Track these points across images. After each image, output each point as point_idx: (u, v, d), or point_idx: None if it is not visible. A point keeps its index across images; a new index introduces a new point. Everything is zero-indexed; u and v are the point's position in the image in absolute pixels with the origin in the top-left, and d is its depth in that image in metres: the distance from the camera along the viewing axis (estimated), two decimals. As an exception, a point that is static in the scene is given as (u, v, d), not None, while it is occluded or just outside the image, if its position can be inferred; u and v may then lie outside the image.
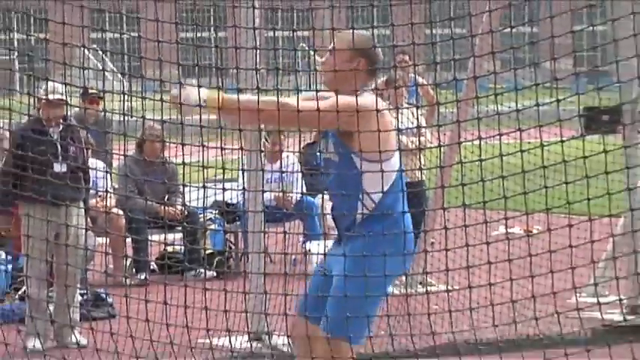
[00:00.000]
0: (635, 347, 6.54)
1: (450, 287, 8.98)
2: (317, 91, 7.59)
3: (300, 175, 15.62)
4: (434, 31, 10.02)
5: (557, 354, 6.67)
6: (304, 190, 15.52)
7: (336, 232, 7.62)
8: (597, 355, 6.83)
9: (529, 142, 7.64)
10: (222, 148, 8.10)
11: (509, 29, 9.02)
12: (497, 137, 7.96)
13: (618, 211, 10.09)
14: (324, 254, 7.76)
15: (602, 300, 10.72)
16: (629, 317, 10.84)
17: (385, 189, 7.23)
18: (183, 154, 8.42)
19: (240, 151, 9.84)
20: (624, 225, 11.12)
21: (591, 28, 9.99)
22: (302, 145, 16.19)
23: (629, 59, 9.71)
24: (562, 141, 7.83)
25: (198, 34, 31.45)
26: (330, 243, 14.06)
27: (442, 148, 12.63)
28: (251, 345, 10.28)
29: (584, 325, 9.83)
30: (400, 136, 13.67)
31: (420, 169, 13.68)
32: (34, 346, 10.71)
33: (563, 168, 7.16)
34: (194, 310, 7.99)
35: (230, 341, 9.81)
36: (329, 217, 14.87)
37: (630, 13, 9.26)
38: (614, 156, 9.66)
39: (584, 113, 15.33)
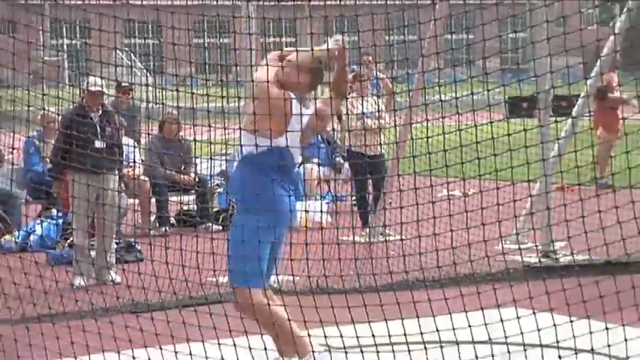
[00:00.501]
0: (548, 283, 6.49)
1: (403, 237, 8.95)
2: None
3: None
4: (391, 37, 9.98)
5: (487, 288, 6.63)
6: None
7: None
8: (518, 289, 6.79)
9: (466, 124, 7.60)
10: (225, 128, 7.99)
11: (449, 35, 8.95)
12: (440, 119, 7.93)
13: (535, 177, 10.06)
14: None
15: (522, 246, 10.73)
16: (543, 260, 10.84)
17: None
18: (194, 134, 8.34)
19: (239, 130, 9.77)
20: (539, 188, 11.11)
21: (514, 34, 9.93)
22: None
23: (543, 58, 9.71)
24: (491, 122, 7.80)
25: (207, 40, 31.37)
26: (311, 202, 14.02)
27: (397, 128, 12.59)
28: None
29: (508, 266, 9.82)
30: (365, 119, 13.72)
31: (380, 144, 13.63)
32: (79, 283, 10.65)
33: (492, 143, 7.11)
34: (204, 255, 7.95)
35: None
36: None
37: (544, 22, 9.22)
38: (531, 134, 9.64)
39: (509, 101, 15.26)
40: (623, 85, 18.08)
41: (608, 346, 6.33)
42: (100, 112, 11.40)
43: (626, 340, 6.03)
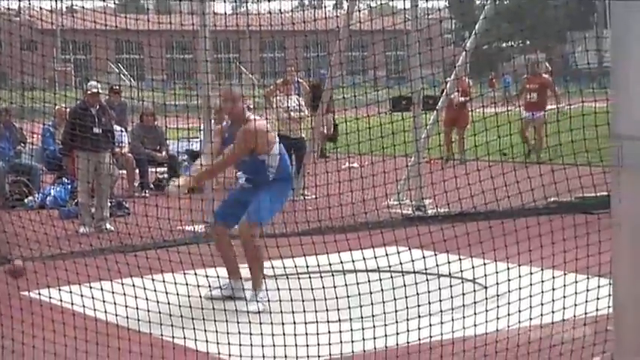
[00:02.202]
0: (419, 229, 6.53)
1: (317, 196, 8.95)
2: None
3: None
4: (308, 54, 9.96)
5: (376, 232, 6.64)
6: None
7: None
8: (399, 234, 6.81)
9: (363, 115, 7.59)
10: (189, 118, 7.91)
11: (350, 52, 8.91)
12: (343, 112, 7.93)
13: (410, 152, 10.14)
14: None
15: (402, 203, 10.78)
16: (416, 212, 10.91)
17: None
18: (166, 123, 8.26)
19: (199, 120, 9.67)
20: (413, 161, 11.17)
21: (396, 51, 9.94)
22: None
23: (415, 68, 9.77)
24: (379, 114, 7.79)
25: (175, 55, 31.09)
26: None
27: (313, 118, 12.57)
28: (206, 229, 10.18)
29: (392, 216, 9.86)
30: (290, 111, 13.70)
31: (300, 130, 13.63)
32: (83, 231, 10.56)
33: (380, 129, 7.12)
34: (175, 210, 7.90)
35: (194, 227, 9.73)
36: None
37: (415, 42, 9.28)
38: (408, 123, 9.67)
39: (392, 99, 15.24)
40: (472, 87, 18.24)
41: (461, 271, 6.41)
42: (98, 107, 11.27)
43: (473, 267, 6.11)
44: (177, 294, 6.05)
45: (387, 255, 6.15)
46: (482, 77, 19.56)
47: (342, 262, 6.27)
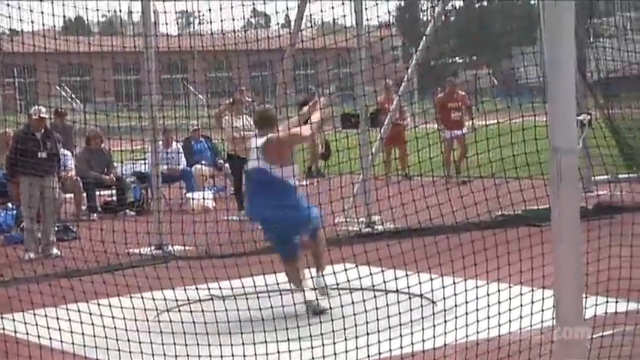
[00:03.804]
0: (366, 246, 6.50)
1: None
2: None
3: (182, 155, 15.34)
4: (255, 73, 9.96)
5: (332, 248, 6.61)
6: (185, 164, 15.25)
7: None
8: (346, 251, 6.79)
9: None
10: (130, 140, 7.84)
11: (296, 71, 8.92)
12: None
13: (357, 170, 10.16)
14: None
15: (349, 220, 10.77)
16: (366, 229, 10.86)
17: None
18: (113, 145, 8.18)
19: (149, 142, 9.62)
20: (361, 178, 11.18)
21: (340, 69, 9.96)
22: (184, 138, 15.97)
23: (359, 85, 9.82)
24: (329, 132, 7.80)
25: (124, 76, 30.91)
26: (201, 192, 13.78)
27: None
28: (154, 250, 10.11)
29: (339, 234, 9.81)
30: (241, 131, 13.65)
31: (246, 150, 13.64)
32: (29, 257, 10.41)
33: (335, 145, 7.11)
34: (124, 234, 7.82)
35: (139, 250, 9.63)
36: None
37: (359, 59, 9.33)
38: (356, 138, 9.71)
39: (341, 116, 15.29)
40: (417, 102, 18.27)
41: (408, 287, 6.41)
42: (43, 131, 11.11)
43: (420, 282, 6.11)
44: (124, 318, 5.97)
45: (334, 273, 6.14)
46: (428, 93, 19.67)
47: (290, 282, 6.24)
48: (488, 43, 51.12)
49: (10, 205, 12.75)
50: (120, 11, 13.80)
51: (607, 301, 5.61)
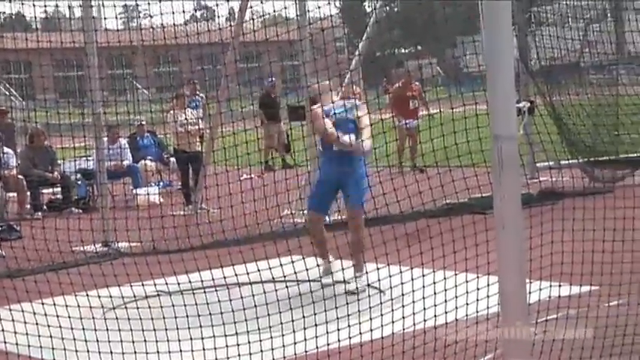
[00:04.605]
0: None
1: (213, 209, 8.78)
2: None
3: (128, 150, 15.18)
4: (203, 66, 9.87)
5: (271, 243, 6.59)
6: (131, 159, 15.11)
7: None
8: (292, 243, 6.76)
9: (256, 126, 7.52)
10: (74, 137, 7.73)
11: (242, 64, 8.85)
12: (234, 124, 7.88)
13: (302, 161, 10.12)
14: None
15: (295, 212, 10.72)
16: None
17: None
18: (51, 143, 8.05)
19: (93, 139, 9.47)
20: (307, 170, 11.13)
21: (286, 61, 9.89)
22: (129, 134, 15.80)
23: (306, 76, 9.79)
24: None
25: (67, 73, 30.46)
26: (147, 188, 13.66)
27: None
28: (100, 248, 10.00)
29: (285, 226, 9.75)
30: (187, 126, 13.61)
31: (196, 144, 13.59)
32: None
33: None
34: (69, 232, 7.70)
35: (84, 247, 9.50)
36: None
37: (304, 50, 9.30)
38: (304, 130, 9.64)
39: (288, 108, 15.23)
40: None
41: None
42: (-16, 129, 10.91)
43: (367, 272, 6.13)
44: (70, 317, 5.88)
45: (281, 265, 6.12)
46: (373, 84, 19.72)
47: (236, 275, 6.21)
48: (431, 33, 51.42)
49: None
50: (58, 6, 13.57)
51: (550, 286, 5.68)
